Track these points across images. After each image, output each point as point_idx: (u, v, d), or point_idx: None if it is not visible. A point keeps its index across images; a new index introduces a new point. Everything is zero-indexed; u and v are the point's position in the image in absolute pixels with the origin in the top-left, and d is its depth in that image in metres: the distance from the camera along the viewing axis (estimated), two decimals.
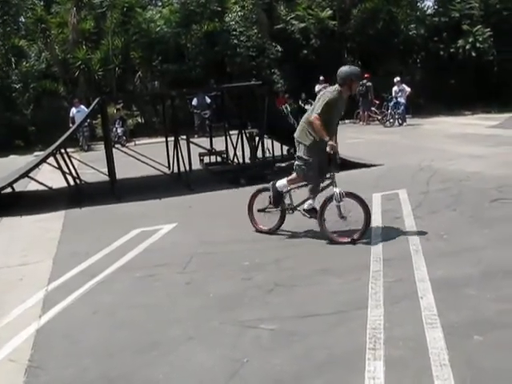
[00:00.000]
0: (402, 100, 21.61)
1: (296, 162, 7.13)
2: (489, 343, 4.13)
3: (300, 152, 7.07)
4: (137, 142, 20.84)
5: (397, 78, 22.03)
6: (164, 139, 13.30)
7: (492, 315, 4.58)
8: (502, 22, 24.60)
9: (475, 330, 4.32)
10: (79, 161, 13.03)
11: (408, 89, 22.01)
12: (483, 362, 3.88)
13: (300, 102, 24.39)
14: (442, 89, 24.97)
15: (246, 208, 7.64)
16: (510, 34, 24.13)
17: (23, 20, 26.16)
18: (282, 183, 7.29)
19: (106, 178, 11.60)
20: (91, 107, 13.57)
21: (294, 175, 7.21)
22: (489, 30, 24.45)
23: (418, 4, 28.50)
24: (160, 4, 29.07)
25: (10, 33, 25.01)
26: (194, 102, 22.09)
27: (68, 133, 12.22)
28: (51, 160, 11.05)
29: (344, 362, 4.05)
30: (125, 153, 12.47)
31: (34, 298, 5.77)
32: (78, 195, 10.75)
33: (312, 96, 23.93)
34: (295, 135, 7.15)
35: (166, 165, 12.82)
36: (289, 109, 23.14)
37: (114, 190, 10.94)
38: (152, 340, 4.62)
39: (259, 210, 7.47)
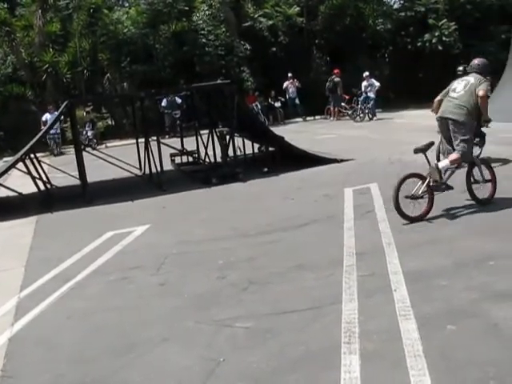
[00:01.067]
0: (371, 95, 21.78)
1: (462, 144, 7.29)
2: (461, 332, 4.19)
3: (465, 134, 7.29)
4: (107, 145, 20.71)
5: (366, 73, 22.17)
6: (135, 141, 13.22)
7: (464, 305, 4.64)
8: (467, 15, 24.95)
9: (448, 320, 4.37)
10: (49, 165, 12.92)
11: (377, 83, 22.18)
12: (456, 351, 3.93)
13: (270, 100, 24.48)
14: (410, 82, 25.27)
15: (393, 196, 7.16)
16: (474, 28, 24.50)
17: None
18: (444, 163, 7.44)
19: (77, 182, 11.48)
20: (59, 111, 13.41)
21: (456, 156, 7.34)
22: (454, 23, 24.76)
23: None
24: (127, 5, 28.86)
25: None
26: (164, 102, 21.98)
27: (36, 137, 12.06)
28: (21, 165, 10.90)
29: (320, 357, 4.07)
30: (95, 156, 12.36)
31: (6, 305, 5.70)
32: (48, 200, 10.63)
33: (281, 93, 24.09)
34: (456, 118, 7.32)
35: (138, 166, 12.75)
36: (259, 107, 23.18)
37: (85, 194, 10.84)
38: (128, 342, 4.59)
39: (407, 197, 7.19)
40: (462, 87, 7.37)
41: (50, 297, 5.81)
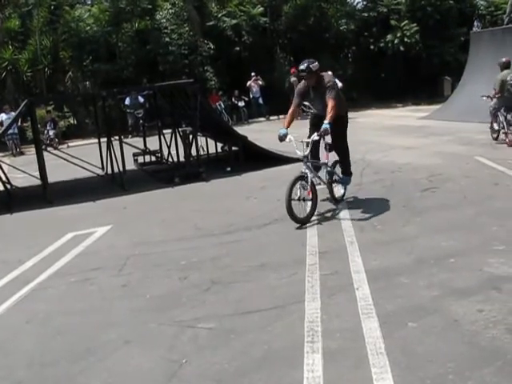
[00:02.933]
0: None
1: None
2: (422, 329, 4.23)
3: None
4: (69, 144, 20.40)
5: (328, 73, 22.30)
6: (97, 140, 13.04)
7: (425, 302, 4.69)
8: (428, 17, 25.35)
9: (409, 317, 4.42)
10: (9, 165, 12.64)
11: (340, 83, 22.31)
12: (417, 348, 3.97)
13: (233, 99, 24.45)
14: (373, 82, 25.56)
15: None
16: (435, 30, 24.92)
17: None
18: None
19: (38, 182, 11.27)
20: (19, 110, 13.14)
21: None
22: (415, 25, 25.13)
23: (348, 0, 28.96)
24: (89, 2, 28.46)
25: None
26: (127, 101, 21.76)
27: None
28: None
29: (283, 356, 4.06)
30: (57, 155, 12.14)
31: None
32: (8, 201, 10.41)
33: (245, 93, 24.09)
34: None
35: (100, 166, 12.59)
36: (222, 106, 23.15)
37: (46, 194, 10.64)
38: (88, 346, 4.51)
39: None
40: None
41: (9, 300, 5.68)
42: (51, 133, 20.76)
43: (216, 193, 10.21)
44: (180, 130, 11.94)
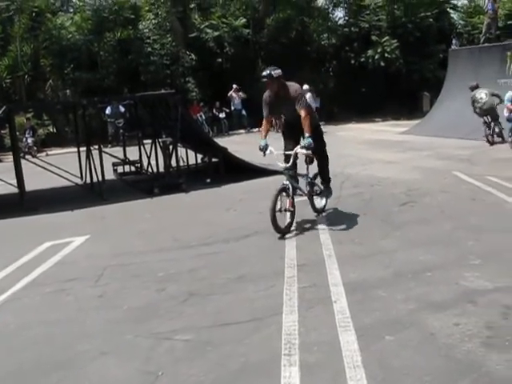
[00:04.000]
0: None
1: None
2: (399, 342, 4.25)
3: None
4: (48, 152, 20.22)
5: (305, 86, 22.44)
6: (76, 149, 12.95)
7: (402, 315, 4.71)
8: (408, 34, 25.64)
9: (386, 330, 4.43)
10: None
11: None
12: (394, 361, 3.98)
13: (214, 111, 24.48)
14: (354, 96, 25.73)
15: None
16: (415, 46, 25.23)
17: None
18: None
19: (15, 190, 11.14)
20: None
21: None
22: (396, 41, 25.41)
23: (330, 15, 29.22)
24: (71, 10, 28.36)
25: None
26: (108, 110, 21.66)
27: None
28: None
29: (260, 369, 4.04)
30: (35, 164, 12.02)
31: None
32: None
33: (226, 104, 24.13)
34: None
35: (79, 175, 12.49)
36: (203, 117, 23.13)
37: (23, 202, 10.53)
38: (63, 358, 4.45)
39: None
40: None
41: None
42: (30, 140, 20.58)
43: (195, 204, 10.18)
44: (160, 140, 11.91)
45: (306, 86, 22.39)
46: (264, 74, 7.44)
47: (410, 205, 8.70)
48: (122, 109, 21.28)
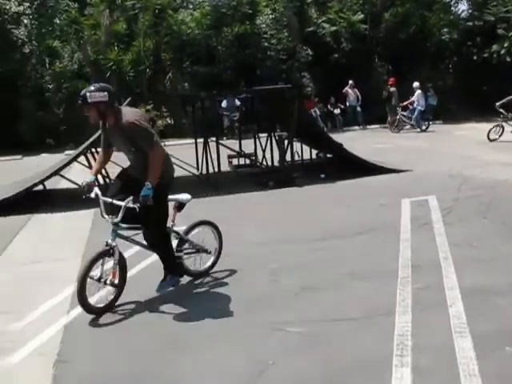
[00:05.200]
0: (418, 106, 21.49)
1: None
2: None
3: None
4: (166, 143, 20.89)
5: (416, 84, 21.82)
6: (193, 140, 13.36)
7: None
8: None
9: (506, 340, 4.24)
10: (110, 160, 13.07)
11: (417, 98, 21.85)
12: None
13: (329, 106, 24.34)
14: (474, 94, 24.64)
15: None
16: None
17: (57, 22, 26.49)
18: None
19: None
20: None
21: None
22: None
23: (452, 8, 28.15)
24: (191, 7, 29.23)
25: (45, 34, 25.39)
26: (224, 104, 22.15)
27: (98, 133, 12.31)
28: (82, 159, 11.17)
29: (370, 367, 4.01)
30: None
31: (63, 293, 5.83)
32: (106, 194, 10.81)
33: (341, 100, 23.96)
34: None
35: (195, 166, 12.88)
36: (318, 112, 23.05)
37: None
38: (175, 342, 4.63)
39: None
40: None
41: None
42: None
43: (309, 199, 10.19)
44: (276, 134, 12.03)
45: (416, 84, 21.84)
46: (81, 93, 5.41)
47: None
48: (238, 102, 21.67)
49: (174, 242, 5.77)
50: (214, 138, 11.89)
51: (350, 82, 23.71)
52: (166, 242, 5.62)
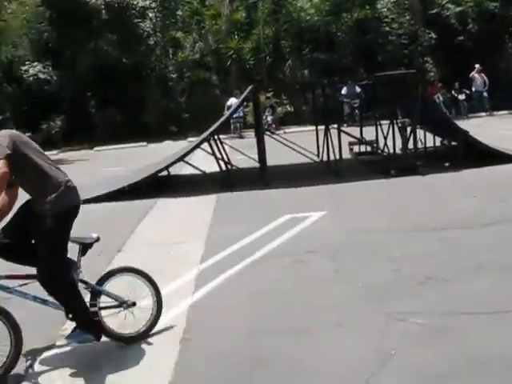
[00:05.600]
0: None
1: None
2: None
3: None
4: (286, 130, 21.09)
5: (477, 66, 20.47)
6: (313, 128, 13.32)
7: None
8: None
9: None
10: (231, 147, 13.39)
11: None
12: None
13: (453, 92, 23.32)
14: None
15: None
16: None
17: (180, 13, 27.40)
18: None
19: (256, 164, 11.83)
20: (243, 95, 13.93)
21: None
22: None
23: None
24: None
25: (169, 26, 26.40)
26: (344, 90, 21.90)
27: (222, 120, 12.62)
28: (205, 145, 11.49)
29: (503, 365, 3.78)
30: (274, 139, 12.64)
31: (187, 275, 6.05)
32: (229, 180, 11.08)
33: (466, 85, 22.87)
34: None
35: (315, 153, 12.85)
36: (441, 99, 22.17)
37: (263, 176, 11.13)
38: (299, 325, 4.65)
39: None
40: None
41: (227, 272, 6.04)
42: (269, 118, 21.73)
43: (432, 188, 9.82)
44: (398, 121, 11.73)
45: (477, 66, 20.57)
46: None
47: None
48: (358, 89, 21.31)
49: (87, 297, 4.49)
50: (335, 125, 11.76)
51: (477, 66, 22.55)
52: (67, 285, 4.25)
